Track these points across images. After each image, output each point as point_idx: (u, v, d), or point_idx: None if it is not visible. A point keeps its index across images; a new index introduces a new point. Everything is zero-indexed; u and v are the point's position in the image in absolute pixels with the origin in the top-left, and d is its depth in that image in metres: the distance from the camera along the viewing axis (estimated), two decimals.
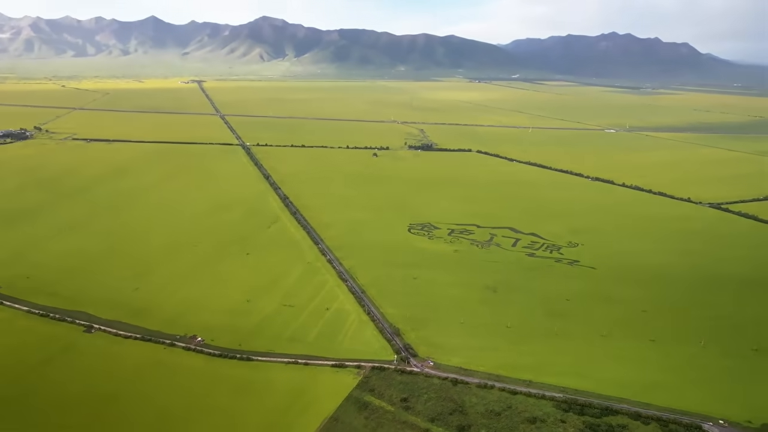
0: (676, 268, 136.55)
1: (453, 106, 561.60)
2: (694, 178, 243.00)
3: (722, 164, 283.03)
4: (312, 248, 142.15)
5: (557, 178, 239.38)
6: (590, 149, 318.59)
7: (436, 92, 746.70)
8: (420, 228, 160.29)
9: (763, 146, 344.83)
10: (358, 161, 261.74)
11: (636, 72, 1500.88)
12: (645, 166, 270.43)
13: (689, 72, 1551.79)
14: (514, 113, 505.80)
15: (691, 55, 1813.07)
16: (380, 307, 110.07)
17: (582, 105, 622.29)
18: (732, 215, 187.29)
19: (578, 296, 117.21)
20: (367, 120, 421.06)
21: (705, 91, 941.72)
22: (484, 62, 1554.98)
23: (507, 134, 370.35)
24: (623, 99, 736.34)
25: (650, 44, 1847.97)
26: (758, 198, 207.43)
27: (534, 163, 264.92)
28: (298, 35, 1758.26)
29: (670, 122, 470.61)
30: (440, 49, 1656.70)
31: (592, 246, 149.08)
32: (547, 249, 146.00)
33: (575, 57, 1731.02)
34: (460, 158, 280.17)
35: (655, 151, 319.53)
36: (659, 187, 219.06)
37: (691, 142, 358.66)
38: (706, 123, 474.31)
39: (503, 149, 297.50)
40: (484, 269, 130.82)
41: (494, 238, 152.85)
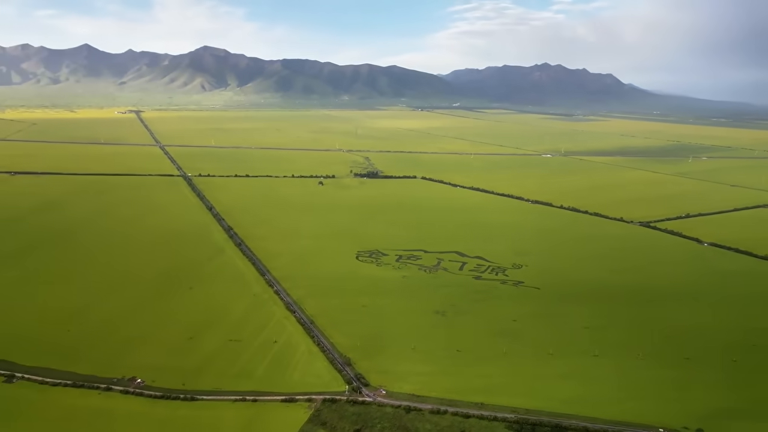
0: (614, 284, 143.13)
1: (397, 134, 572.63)
2: (625, 199, 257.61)
3: (648, 185, 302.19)
4: (258, 280, 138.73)
5: (500, 202, 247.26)
6: (529, 173, 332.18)
7: (380, 121, 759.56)
8: (368, 255, 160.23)
9: (682, 168, 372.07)
10: (304, 190, 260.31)
11: (567, 100, 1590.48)
12: (580, 188, 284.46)
13: (614, 100, 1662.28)
14: (457, 140, 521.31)
15: (615, 85, 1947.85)
16: (330, 337, 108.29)
17: (520, 132, 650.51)
18: (660, 232, 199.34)
19: (524, 316, 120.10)
20: (313, 149, 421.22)
21: (629, 118, 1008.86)
22: (426, 91, 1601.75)
23: (450, 161, 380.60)
24: (557, 125, 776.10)
25: (579, 75, 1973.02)
26: (681, 216, 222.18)
27: (477, 188, 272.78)
28: (241, 65, 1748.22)
29: (600, 147, 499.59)
30: (383, 78, 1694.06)
31: (536, 267, 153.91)
32: (492, 271, 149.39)
33: (511, 86, 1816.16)
34: (405, 185, 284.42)
35: (588, 174, 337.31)
36: (594, 208, 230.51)
37: (620, 165, 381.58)
38: (632, 147, 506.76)
39: (447, 175, 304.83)
40: (433, 294, 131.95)
41: (441, 263, 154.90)
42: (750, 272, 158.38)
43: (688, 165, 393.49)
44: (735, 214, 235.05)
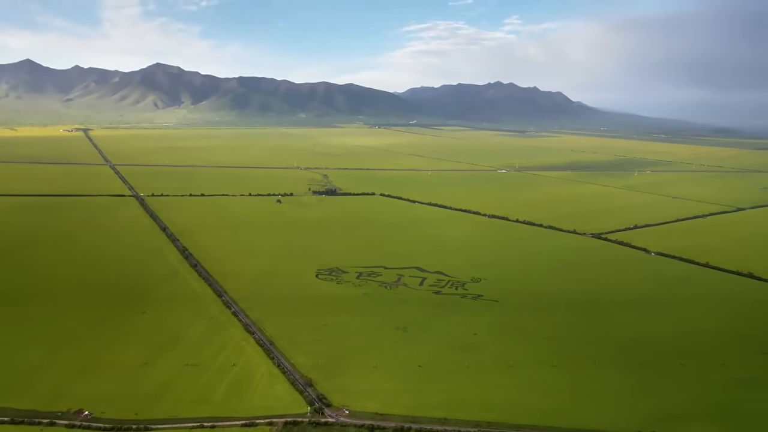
0: (569, 294, 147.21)
1: (355, 151, 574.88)
2: (577, 212, 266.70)
3: (598, 198, 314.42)
4: (215, 301, 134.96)
5: (457, 217, 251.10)
6: (486, 189, 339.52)
7: (337, 138, 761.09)
8: (328, 273, 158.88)
9: (629, 182, 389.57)
10: (261, 208, 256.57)
11: (520, 117, 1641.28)
12: (535, 202, 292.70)
13: (564, 117, 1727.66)
14: (414, 157, 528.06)
15: (564, 103, 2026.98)
16: (291, 358, 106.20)
17: (475, 148, 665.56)
18: (610, 243, 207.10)
19: (485, 329, 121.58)
20: (270, 167, 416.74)
21: (578, 134, 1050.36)
22: (383, 109, 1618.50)
23: (408, 177, 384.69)
24: (511, 142, 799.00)
25: (530, 93, 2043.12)
26: (629, 227, 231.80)
27: (435, 203, 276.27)
28: (195, 82, 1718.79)
29: (552, 162, 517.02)
30: (340, 96, 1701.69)
31: (494, 280, 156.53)
32: (452, 286, 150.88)
33: (466, 104, 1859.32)
34: (364, 202, 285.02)
35: (542, 189, 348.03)
36: (548, 221, 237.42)
37: (571, 179, 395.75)
38: (582, 162, 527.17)
39: (406, 191, 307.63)
40: (394, 310, 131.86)
41: (402, 279, 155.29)
42: (692, 278, 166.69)
43: (634, 178, 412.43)
44: (677, 224, 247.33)
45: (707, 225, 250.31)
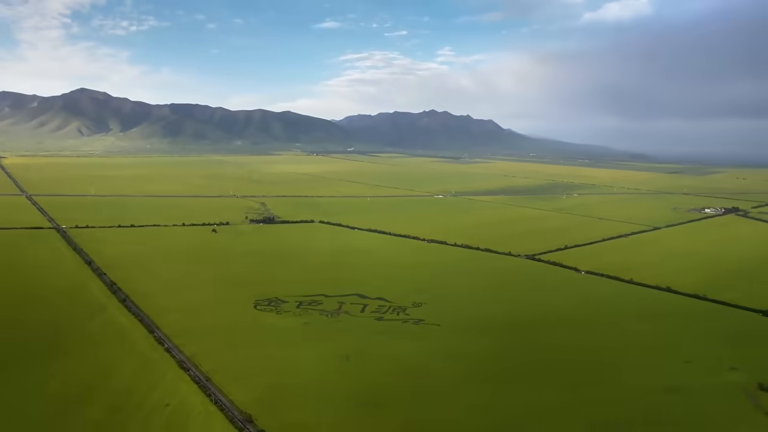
0: (507, 314, 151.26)
1: (293, 178, 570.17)
2: (511, 234, 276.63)
3: (531, 221, 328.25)
4: (146, 338, 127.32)
5: (397, 243, 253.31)
6: (424, 214, 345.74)
7: (275, 165, 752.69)
8: (267, 303, 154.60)
9: (558, 204, 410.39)
10: (196, 238, 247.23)
11: (454, 144, 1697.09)
12: (471, 226, 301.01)
13: (496, 144, 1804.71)
14: (353, 183, 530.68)
15: (495, 130, 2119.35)
16: (229, 393, 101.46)
17: (413, 174, 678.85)
18: (544, 264, 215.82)
19: (427, 354, 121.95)
20: (204, 195, 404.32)
21: (510, 160, 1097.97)
22: (321, 136, 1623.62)
23: (347, 204, 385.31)
24: (447, 168, 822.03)
25: (464, 120, 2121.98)
26: (560, 248, 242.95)
27: (375, 229, 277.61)
28: (124, 109, 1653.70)
29: (486, 187, 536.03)
30: (277, 124, 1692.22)
31: (435, 304, 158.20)
32: (394, 311, 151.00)
33: (402, 131, 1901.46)
34: (303, 229, 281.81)
35: (478, 212, 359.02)
36: (485, 243, 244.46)
37: (505, 203, 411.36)
38: (514, 186, 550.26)
39: (345, 218, 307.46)
40: (336, 339, 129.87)
41: (343, 306, 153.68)
42: (619, 295, 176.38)
43: (563, 201, 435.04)
44: (603, 243, 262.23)
45: (629, 244, 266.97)
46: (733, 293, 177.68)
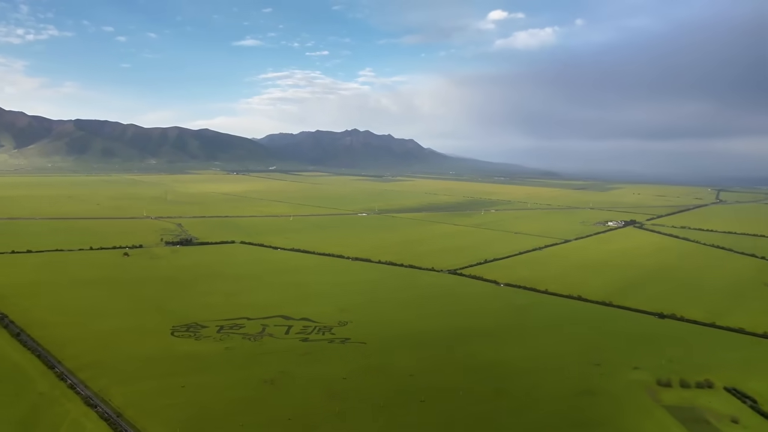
0: (432, 329, 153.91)
1: (212, 198, 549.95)
2: (434, 250, 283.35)
3: (452, 237, 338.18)
4: (45, 374, 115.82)
5: (321, 262, 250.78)
6: (348, 232, 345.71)
7: (193, 185, 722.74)
8: (185, 329, 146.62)
9: (477, 220, 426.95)
10: (104, 263, 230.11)
11: (376, 163, 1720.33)
12: (395, 243, 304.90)
13: (417, 163, 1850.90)
14: (275, 203, 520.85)
15: (416, 149, 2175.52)
16: (143, 429, 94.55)
17: (336, 193, 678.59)
18: (465, 278, 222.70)
19: (353, 373, 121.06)
20: (115, 217, 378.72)
21: (431, 178, 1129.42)
22: (242, 155, 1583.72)
23: (270, 223, 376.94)
24: (370, 186, 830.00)
25: (385, 140, 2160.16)
26: (480, 262, 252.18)
27: (298, 249, 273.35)
28: (19, 124, 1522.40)
29: (409, 204, 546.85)
30: (194, 142, 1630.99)
31: (361, 322, 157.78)
32: (319, 331, 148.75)
33: (324, 150, 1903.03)
34: (223, 251, 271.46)
35: (401, 230, 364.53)
36: (409, 260, 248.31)
37: (427, 220, 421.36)
38: (436, 204, 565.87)
39: (267, 238, 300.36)
40: (260, 363, 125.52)
41: (266, 329, 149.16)
42: (536, 305, 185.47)
43: (482, 217, 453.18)
44: (520, 256, 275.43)
45: (543, 256, 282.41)
46: (634, 299, 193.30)
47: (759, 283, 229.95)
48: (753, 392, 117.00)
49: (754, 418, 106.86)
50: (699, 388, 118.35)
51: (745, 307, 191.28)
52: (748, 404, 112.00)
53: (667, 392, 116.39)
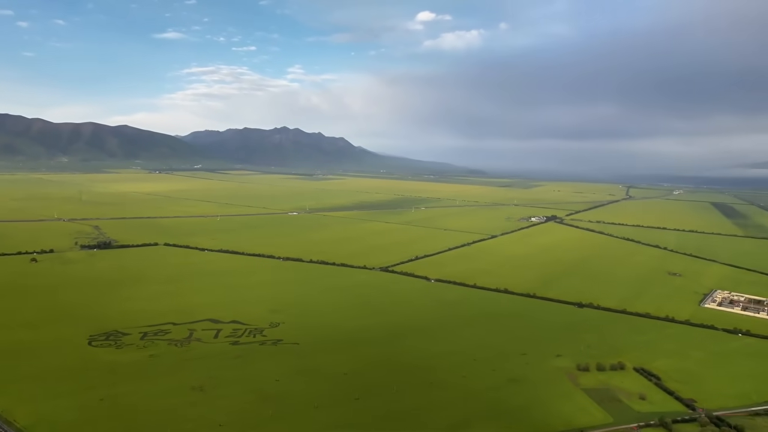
0: (365, 327, 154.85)
1: (133, 198, 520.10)
2: (366, 248, 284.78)
3: (383, 234, 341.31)
4: None
5: (251, 262, 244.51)
6: (278, 232, 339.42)
7: (111, 185, 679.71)
8: (104, 338, 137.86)
9: (408, 218, 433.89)
10: (8, 271, 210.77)
11: (307, 161, 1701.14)
12: (327, 242, 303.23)
13: (348, 161, 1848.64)
14: (201, 203, 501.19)
15: (347, 148, 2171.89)
16: None
17: (265, 192, 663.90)
18: (397, 275, 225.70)
19: (287, 374, 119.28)
20: (20, 219, 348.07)
21: (361, 176, 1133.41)
22: (164, 153, 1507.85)
23: (196, 224, 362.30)
24: (300, 185, 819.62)
25: (316, 138, 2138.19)
26: (411, 259, 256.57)
27: (227, 250, 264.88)
28: None
29: (340, 203, 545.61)
30: (112, 139, 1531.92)
31: (293, 323, 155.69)
32: (250, 334, 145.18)
33: (253, 148, 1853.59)
34: (146, 253, 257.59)
35: (332, 228, 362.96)
36: (341, 258, 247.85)
37: (358, 218, 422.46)
38: (367, 202, 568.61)
39: (193, 240, 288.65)
40: (188, 369, 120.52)
41: (194, 334, 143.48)
42: (466, 299, 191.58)
43: (412, 215, 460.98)
44: (449, 252, 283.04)
45: (472, 252, 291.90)
46: (555, 290, 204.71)
47: (663, 272, 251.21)
48: (658, 371, 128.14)
49: (658, 394, 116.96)
50: (613, 370, 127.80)
51: (651, 294, 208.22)
52: (654, 382, 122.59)
53: (586, 376, 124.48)
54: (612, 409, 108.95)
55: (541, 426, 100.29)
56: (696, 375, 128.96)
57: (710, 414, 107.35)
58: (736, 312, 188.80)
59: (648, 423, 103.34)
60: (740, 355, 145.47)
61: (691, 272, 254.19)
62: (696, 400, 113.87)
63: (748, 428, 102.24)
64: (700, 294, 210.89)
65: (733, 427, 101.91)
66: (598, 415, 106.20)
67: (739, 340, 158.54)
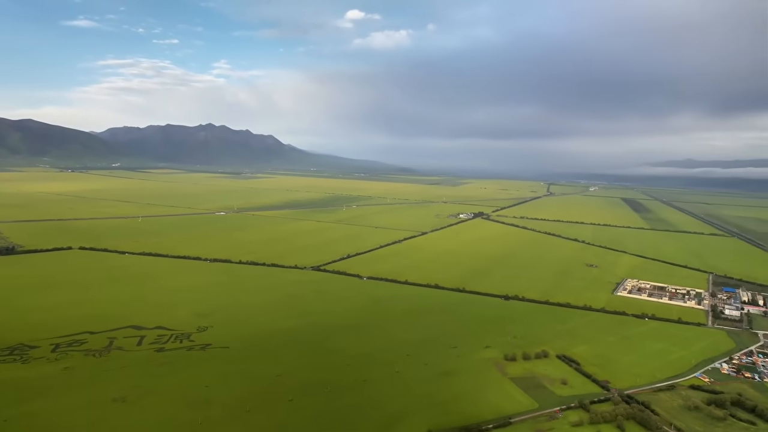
0: (297, 327, 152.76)
1: (41, 199, 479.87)
2: (297, 247, 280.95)
3: (315, 233, 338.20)
4: None
5: (176, 265, 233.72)
6: (205, 232, 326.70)
7: (14, 184, 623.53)
8: (8, 353, 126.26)
9: (339, 216, 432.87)
10: None
11: (234, 159, 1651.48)
12: (256, 242, 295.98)
13: (277, 159, 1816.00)
14: (121, 203, 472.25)
15: (276, 145, 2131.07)
16: None
17: (191, 191, 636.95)
18: (329, 274, 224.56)
19: (217, 379, 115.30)
20: None
21: (291, 175, 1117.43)
22: (77, 150, 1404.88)
23: (114, 226, 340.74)
24: (228, 184, 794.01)
25: (243, 135, 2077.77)
26: (344, 257, 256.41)
27: (149, 252, 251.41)
28: None
29: (269, 202, 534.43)
30: (15, 134, 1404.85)
31: (222, 326, 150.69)
32: (176, 339, 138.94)
33: (176, 145, 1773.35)
34: (57, 258, 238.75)
35: (262, 228, 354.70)
36: (271, 259, 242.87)
37: (289, 218, 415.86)
38: (297, 201, 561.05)
39: (112, 242, 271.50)
40: (108, 380, 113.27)
41: (114, 342, 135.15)
42: (398, 296, 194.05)
43: (343, 213, 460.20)
44: (381, 250, 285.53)
45: (403, 249, 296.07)
46: (483, 284, 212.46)
47: (581, 264, 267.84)
48: (577, 357, 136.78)
49: (578, 378, 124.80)
50: (537, 358, 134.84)
51: (571, 285, 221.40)
52: (574, 367, 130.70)
53: (513, 365, 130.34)
54: (537, 395, 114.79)
55: (472, 416, 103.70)
56: (610, 358, 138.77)
57: (622, 393, 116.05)
58: (643, 298, 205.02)
59: (569, 406, 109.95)
60: (646, 337, 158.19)
61: (605, 263, 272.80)
62: (610, 381, 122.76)
63: (653, 402, 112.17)
64: (613, 283, 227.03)
65: (641, 403, 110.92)
66: (525, 402, 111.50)
67: (645, 324, 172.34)
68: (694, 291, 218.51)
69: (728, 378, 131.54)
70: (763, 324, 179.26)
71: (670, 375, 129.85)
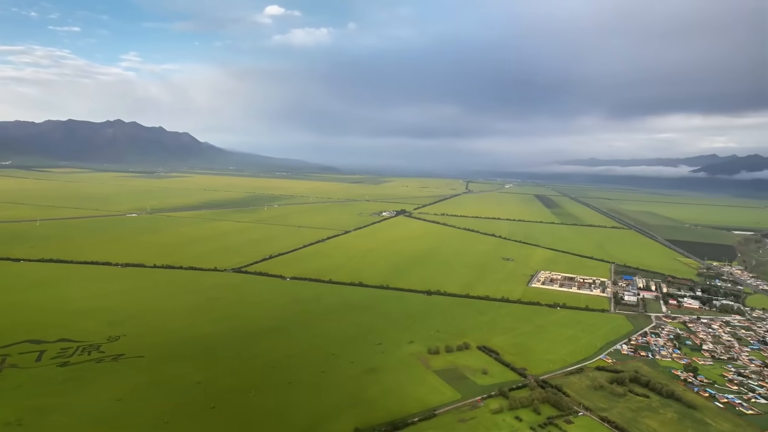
0: (218, 333, 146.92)
1: None
2: (216, 249, 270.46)
3: (235, 234, 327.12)
4: None
5: (82, 271, 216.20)
6: (115, 235, 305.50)
7: None
8: None
9: (260, 216, 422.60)
10: None
11: (146, 158, 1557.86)
12: (172, 244, 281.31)
13: (193, 158, 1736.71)
14: (14, 205, 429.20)
15: (192, 143, 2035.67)
16: None
17: (97, 192, 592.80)
18: (251, 275, 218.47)
19: (131, 392, 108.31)
20: None
21: (209, 174, 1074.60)
22: None
23: (7, 230, 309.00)
24: (139, 184, 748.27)
25: (156, 132, 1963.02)
26: (266, 258, 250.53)
27: (50, 259, 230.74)
28: None
29: (186, 202, 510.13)
30: None
31: (136, 335, 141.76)
32: (83, 352, 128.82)
33: (81, 143, 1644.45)
34: None
35: (178, 230, 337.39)
36: (189, 261, 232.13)
37: (207, 218, 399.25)
38: (216, 200, 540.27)
39: (4, 249, 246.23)
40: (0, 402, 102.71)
41: (7, 359, 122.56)
42: (322, 296, 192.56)
43: (265, 212, 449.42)
44: (304, 249, 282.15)
45: (326, 248, 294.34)
46: (406, 280, 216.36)
47: (498, 258, 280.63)
48: (496, 347, 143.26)
49: (498, 367, 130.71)
50: (459, 350, 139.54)
51: (489, 278, 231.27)
52: (493, 357, 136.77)
53: (436, 358, 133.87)
54: (460, 386, 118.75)
55: (398, 410, 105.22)
56: (526, 347, 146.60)
57: (537, 379, 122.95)
58: (555, 289, 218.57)
59: (490, 394, 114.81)
60: (558, 325, 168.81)
61: (521, 257, 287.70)
62: (527, 369, 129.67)
63: (565, 385, 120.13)
64: (527, 275, 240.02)
65: (554, 386, 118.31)
66: (449, 393, 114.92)
67: (557, 312, 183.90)
68: (599, 280, 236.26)
69: (627, 357, 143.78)
70: (656, 307, 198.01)
71: (579, 359, 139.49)
